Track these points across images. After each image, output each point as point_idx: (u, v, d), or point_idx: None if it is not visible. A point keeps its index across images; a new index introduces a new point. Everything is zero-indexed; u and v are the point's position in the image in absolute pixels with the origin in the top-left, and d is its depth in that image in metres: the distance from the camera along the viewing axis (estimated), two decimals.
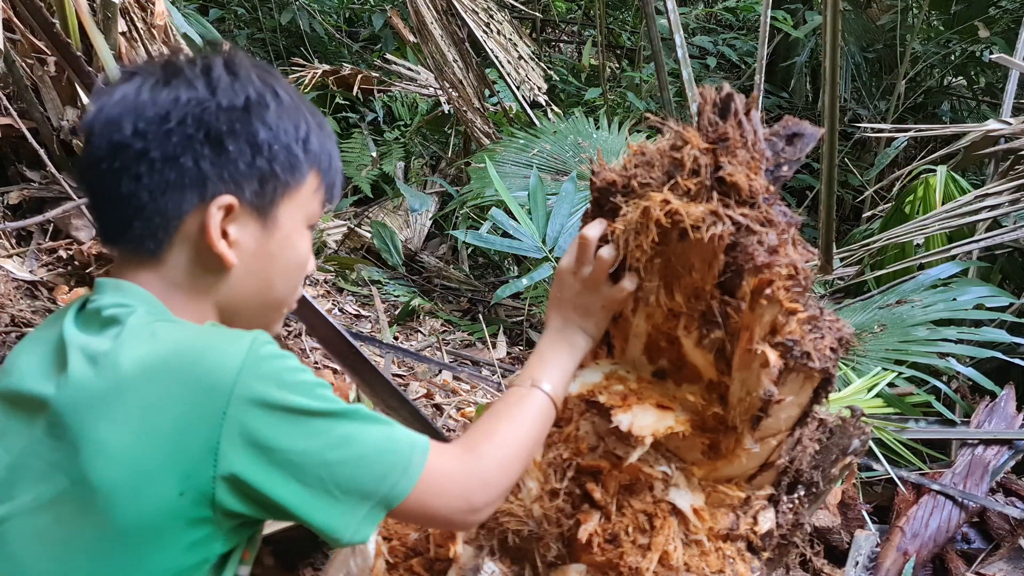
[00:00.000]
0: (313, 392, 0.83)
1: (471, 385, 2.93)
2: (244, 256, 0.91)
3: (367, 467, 0.84)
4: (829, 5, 2.93)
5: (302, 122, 0.93)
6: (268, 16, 6.01)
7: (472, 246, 4.01)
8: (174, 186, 0.86)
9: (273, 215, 0.91)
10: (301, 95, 0.97)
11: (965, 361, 2.74)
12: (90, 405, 0.79)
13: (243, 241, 0.90)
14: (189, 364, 0.79)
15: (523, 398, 1.08)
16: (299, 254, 0.97)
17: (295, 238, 0.95)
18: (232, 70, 0.90)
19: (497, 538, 1.25)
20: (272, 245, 0.92)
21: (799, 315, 1.08)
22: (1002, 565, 2.10)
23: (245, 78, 0.90)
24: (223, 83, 0.88)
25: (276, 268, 0.94)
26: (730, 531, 1.22)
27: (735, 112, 1.07)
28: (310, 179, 0.95)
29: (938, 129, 4.12)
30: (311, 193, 0.95)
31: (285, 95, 0.93)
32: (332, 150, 0.98)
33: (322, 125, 0.97)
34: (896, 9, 5.56)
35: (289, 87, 0.95)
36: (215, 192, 0.87)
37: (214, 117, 0.87)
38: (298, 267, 0.97)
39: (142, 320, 0.84)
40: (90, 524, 0.78)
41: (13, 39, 2.74)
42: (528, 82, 4.37)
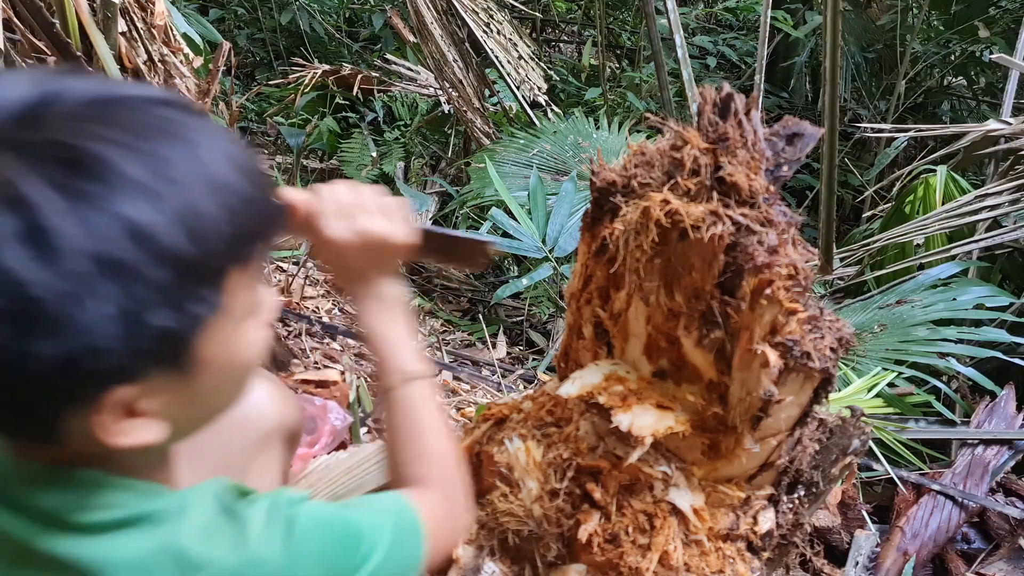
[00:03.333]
0: (344, 569, 0.77)
1: (471, 385, 2.93)
2: (170, 413, 0.68)
3: (398, 570, 0.84)
4: (829, 5, 2.93)
5: (183, 212, 0.60)
6: (268, 16, 6.01)
7: None
8: None
9: (192, 359, 0.66)
10: (150, 133, 0.61)
11: (965, 361, 2.74)
12: None
13: (162, 405, 0.66)
14: None
15: (409, 400, 1.00)
16: (244, 363, 0.73)
17: (234, 352, 0.70)
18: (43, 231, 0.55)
19: (497, 538, 1.25)
20: (203, 383, 0.68)
21: (799, 315, 1.08)
22: (1002, 565, 2.10)
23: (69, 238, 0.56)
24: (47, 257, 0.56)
25: (215, 398, 0.74)
26: (730, 531, 1.22)
27: (735, 112, 1.07)
28: (228, 283, 0.65)
29: (938, 129, 4.12)
30: (236, 294, 0.67)
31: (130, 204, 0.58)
32: (233, 198, 0.63)
33: (199, 164, 0.62)
34: (896, 9, 5.55)
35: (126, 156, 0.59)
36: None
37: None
38: (246, 373, 0.75)
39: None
40: None
41: (13, 39, 2.73)
42: (528, 82, 4.37)
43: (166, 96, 0.65)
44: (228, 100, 3.65)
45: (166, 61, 2.95)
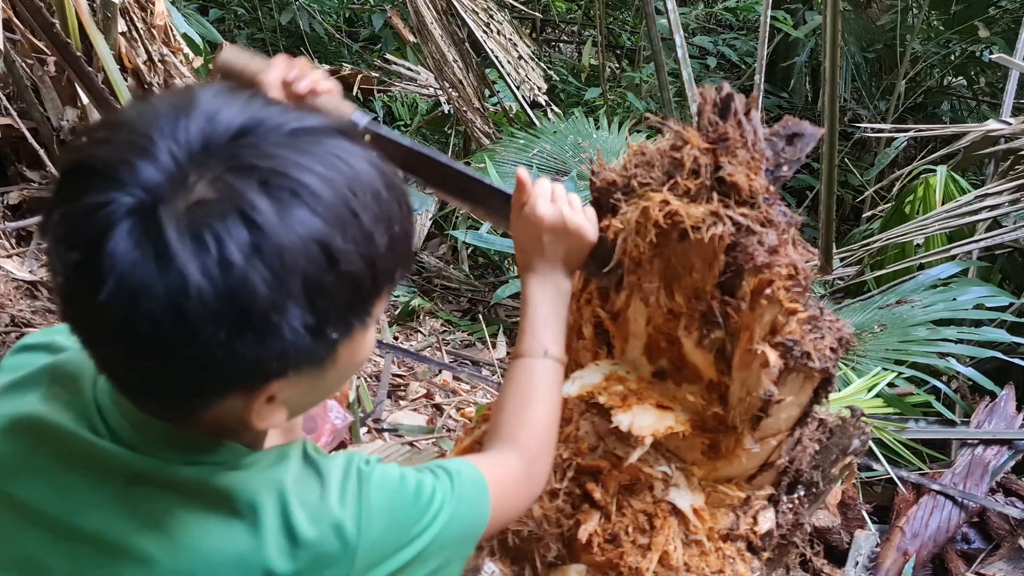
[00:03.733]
0: (419, 524, 0.80)
1: (471, 385, 2.93)
2: (295, 400, 0.74)
3: (457, 546, 0.86)
4: (829, 5, 2.93)
5: (363, 242, 0.65)
6: (268, 16, 6.01)
7: (472, 246, 4.01)
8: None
9: (330, 360, 0.71)
10: (340, 164, 0.66)
11: (965, 361, 2.74)
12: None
13: (291, 395, 0.72)
14: (315, 554, 0.72)
15: (539, 372, 1.06)
16: (360, 362, 0.79)
17: (358, 355, 0.76)
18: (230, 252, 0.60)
19: (497, 538, 1.25)
20: (329, 378, 0.75)
21: (799, 315, 1.08)
22: (1002, 565, 2.10)
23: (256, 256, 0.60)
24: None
25: (330, 388, 0.80)
26: (730, 531, 1.22)
27: (735, 112, 1.07)
28: (380, 302, 0.73)
29: (938, 129, 4.12)
30: (379, 307, 0.74)
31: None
32: (397, 230, 0.69)
33: (373, 197, 0.67)
34: (896, 9, 5.56)
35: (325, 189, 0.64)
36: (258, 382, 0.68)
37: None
38: (356, 369, 0.81)
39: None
40: None
41: (13, 39, 2.73)
42: (528, 82, 4.37)
43: (338, 126, 0.69)
44: None
45: (166, 61, 2.95)
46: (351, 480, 0.77)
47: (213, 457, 0.72)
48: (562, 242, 1.08)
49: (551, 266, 1.10)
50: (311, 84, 1.06)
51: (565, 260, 1.10)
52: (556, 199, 1.09)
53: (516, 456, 0.99)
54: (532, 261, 1.10)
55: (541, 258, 1.10)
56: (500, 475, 0.95)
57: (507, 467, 0.97)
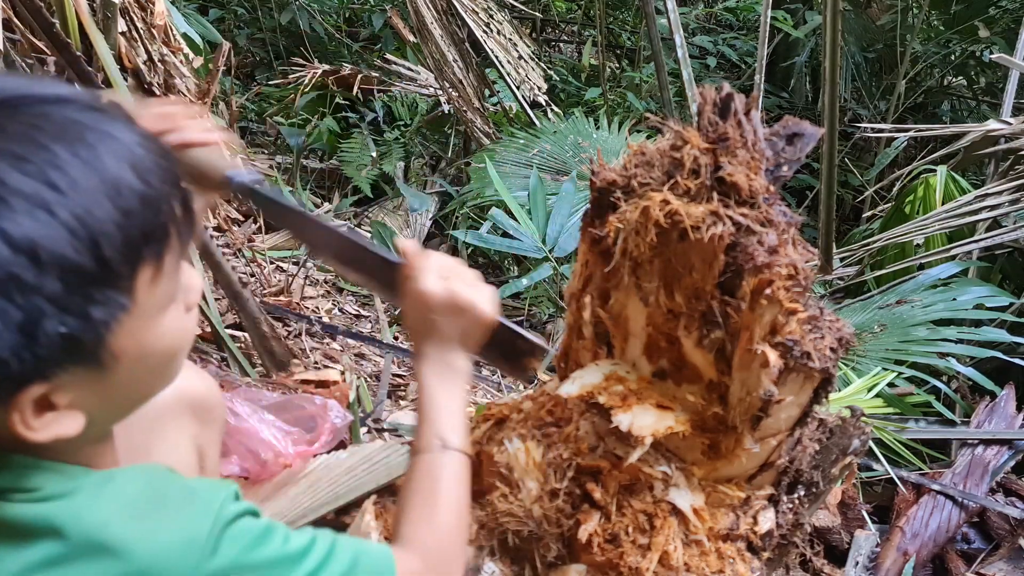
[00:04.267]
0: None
1: (471, 385, 2.93)
2: (90, 405, 0.67)
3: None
4: (829, 5, 2.93)
5: (75, 222, 0.58)
6: (268, 16, 6.01)
7: (472, 246, 4.01)
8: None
9: (106, 355, 0.65)
10: (42, 138, 0.60)
11: (965, 361, 2.74)
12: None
13: (80, 398, 0.66)
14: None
15: (442, 468, 0.98)
16: (165, 352, 0.72)
17: (151, 342, 0.69)
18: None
19: (497, 538, 1.25)
20: (122, 374, 0.67)
21: (799, 315, 1.08)
22: (1002, 565, 2.10)
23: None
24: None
25: (139, 385, 0.73)
26: (730, 531, 1.22)
27: (735, 112, 1.07)
28: (139, 281, 0.64)
29: (938, 129, 4.12)
30: (148, 289, 0.66)
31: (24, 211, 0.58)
32: (131, 200, 0.61)
33: (93, 169, 0.60)
34: (896, 9, 5.56)
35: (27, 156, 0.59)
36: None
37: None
38: (171, 359, 0.74)
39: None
40: None
41: (13, 39, 2.73)
42: (528, 82, 4.37)
43: (65, 93, 0.63)
44: (228, 100, 3.65)
45: (166, 61, 2.95)
46: (203, 528, 0.69)
47: (24, 483, 0.67)
48: (454, 322, 1.00)
49: (442, 347, 1.01)
50: (184, 137, 0.96)
51: (460, 340, 1.02)
52: (447, 274, 1.00)
53: (418, 559, 0.92)
54: (422, 343, 1.02)
55: (431, 339, 1.01)
56: (405, 570, 0.88)
57: (408, 569, 0.89)
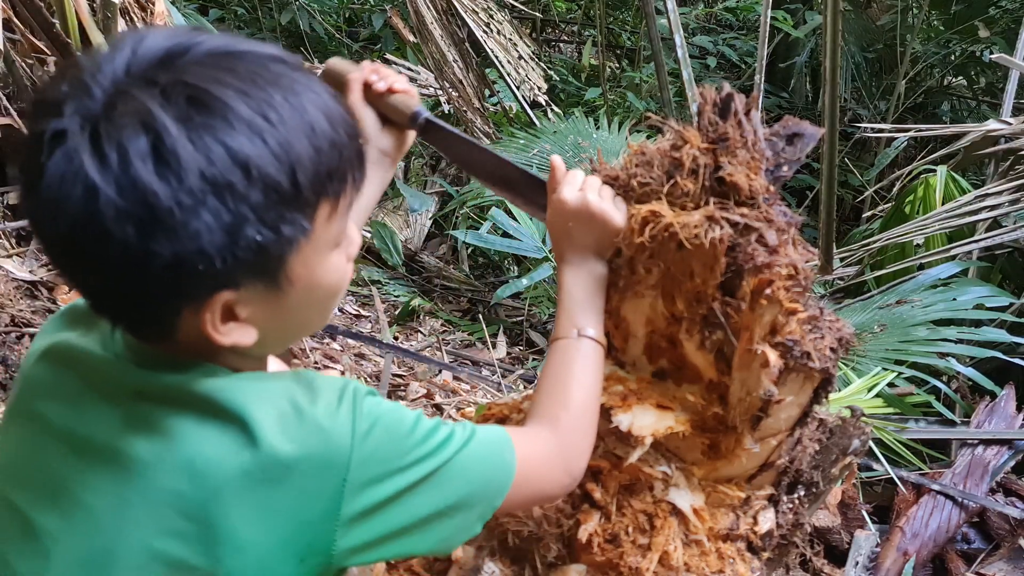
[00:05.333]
0: (417, 451, 0.82)
1: (471, 385, 2.93)
2: (262, 321, 0.78)
3: (471, 486, 0.87)
4: (829, 5, 2.93)
5: (280, 149, 0.70)
6: (268, 16, 6.01)
7: (472, 246, 4.01)
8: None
9: (284, 276, 0.75)
10: (261, 82, 0.71)
11: (965, 361, 2.74)
12: (224, 485, 0.74)
13: (256, 313, 0.76)
14: (309, 449, 0.76)
15: (576, 352, 1.07)
16: (328, 287, 0.82)
17: (320, 275, 0.79)
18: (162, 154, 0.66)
19: (497, 538, 1.25)
20: (292, 299, 0.78)
21: (799, 315, 1.08)
22: (1002, 565, 2.10)
23: (184, 153, 0.66)
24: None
25: (303, 314, 0.83)
26: (730, 531, 1.22)
27: (735, 112, 1.07)
28: (319, 213, 0.75)
29: (938, 129, 4.12)
30: (325, 223, 0.77)
31: (241, 130, 0.68)
32: (322, 141, 0.73)
33: (297, 111, 0.72)
34: (896, 9, 5.56)
35: (243, 91, 0.70)
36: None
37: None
38: (330, 297, 0.84)
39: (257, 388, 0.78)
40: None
41: (13, 39, 2.74)
42: (528, 82, 4.37)
43: (280, 54, 0.76)
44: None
45: None
46: (346, 396, 0.80)
47: (198, 371, 0.77)
48: (588, 228, 1.10)
49: (581, 253, 1.12)
50: (388, 84, 1.15)
51: (595, 247, 1.12)
52: (584, 187, 1.11)
53: (548, 430, 1.00)
54: (563, 249, 1.13)
55: (570, 245, 1.12)
56: (530, 444, 0.96)
57: (538, 438, 0.99)
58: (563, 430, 1.00)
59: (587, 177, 1.13)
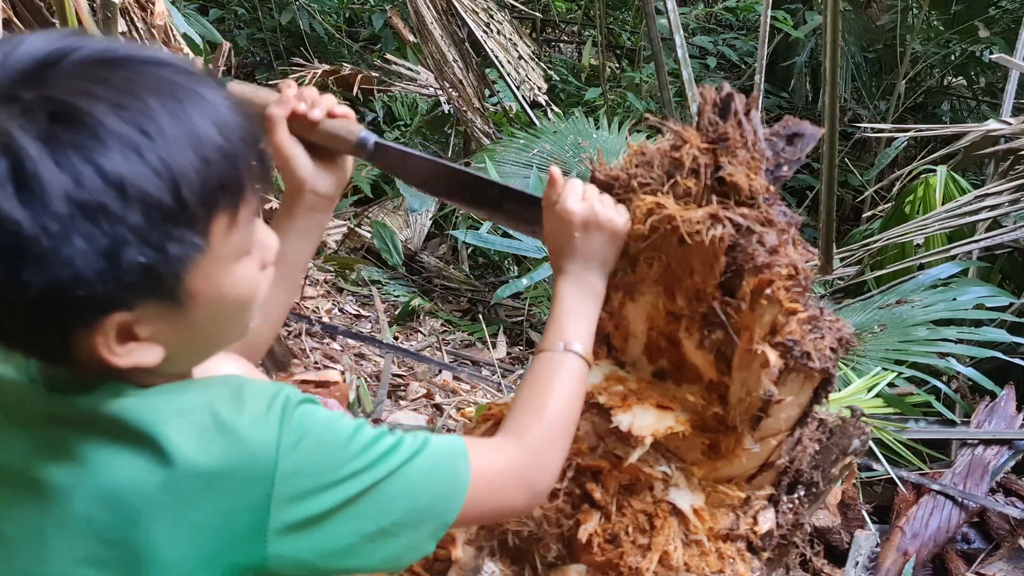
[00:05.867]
0: (353, 463, 0.78)
1: (471, 385, 2.93)
2: (169, 339, 0.74)
3: (416, 501, 0.83)
4: (829, 5, 2.93)
5: (159, 164, 0.65)
6: (268, 16, 6.01)
7: (472, 246, 4.01)
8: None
9: (183, 292, 0.71)
10: (140, 91, 0.66)
11: (965, 361, 2.74)
12: (142, 507, 0.71)
13: (159, 332, 0.73)
14: (230, 461, 0.73)
15: (559, 365, 1.03)
16: (237, 299, 0.77)
17: (226, 288, 0.75)
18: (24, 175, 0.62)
19: (497, 539, 1.25)
20: (198, 315, 0.74)
21: (799, 315, 1.08)
22: (1002, 565, 2.10)
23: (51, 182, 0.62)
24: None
25: (213, 328, 0.78)
26: (730, 531, 1.22)
27: (735, 112, 1.08)
28: (214, 227, 0.70)
29: (938, 129, 4.12)
30: (223, 236, 0.72)
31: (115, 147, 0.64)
32: (211, 152, 0.68)
33: (180, 121, 0.67)
34: (896, 9, 5.55)
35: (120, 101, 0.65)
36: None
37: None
38: (240, 309, 0.79)
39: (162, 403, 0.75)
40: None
41: None
42: (528, 82, 4.37)
43: (166, 58, 0.71)
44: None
45: None
46: (275, 406, 0.76)
47: (106, 391, 0.74)
48: (594, 238, 1.08)
49: (583, 265, 1.09)
50: (325, 110, 1.07)
51: (599, 257, 1.09)
52: (587, 196, 1.09)
53: (514, 443, 0.95)
54: (563, 260, 1.10)
55: (572, 257, 1.09)
56: (490, 456, 0.92)
57: (500, 451, 0.94)
58: (532, 444, 0.96)
59: (585, 186, 1.11)
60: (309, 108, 1.05)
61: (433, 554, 1.28)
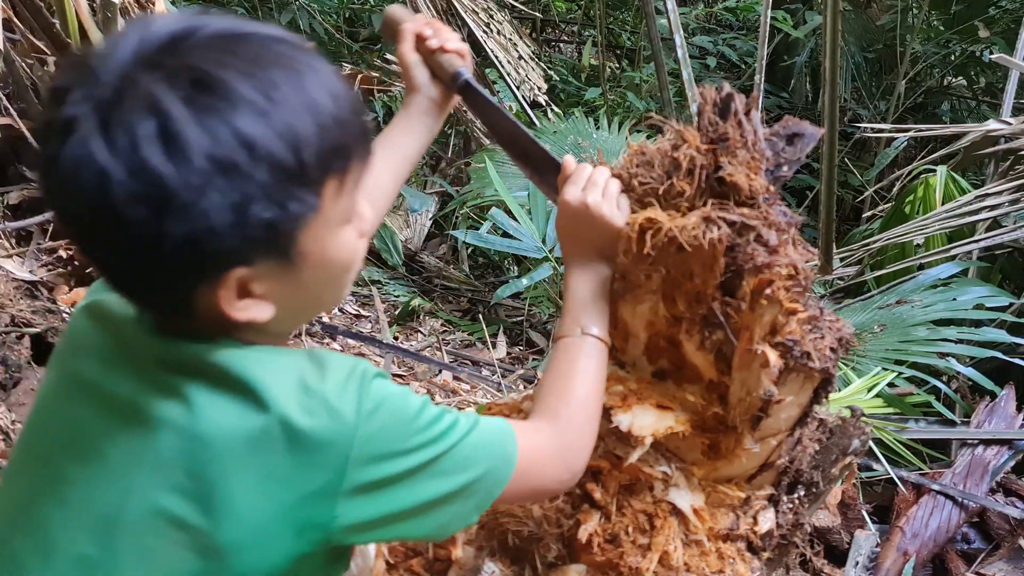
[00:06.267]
0: (421, 436, 0.83)
1: (471, 385, 2.93)
2: (278, 297, 0.80)
3: (472, 474, 0.87)
4: (829, 5, 2.93)
5: (284, 128, 0.71)
6: (268, 16, 6.01)
7: (472, 246, 4.01)
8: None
9: (295, 252, 0.77)
10: (264, 62, 0.73)
11: (965, 361, 2.74)
12: (229, 450, 0.76)
13: (271, 289, 0.79)
14: (317, 422, 0.77)
15: (580, 349, 1.08)
16: (340, 263, 0.84)
17: (331, 251, 0.81)
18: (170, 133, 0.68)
19: (497, 539, 1.25)
20: (306, 275, 0.80)
21: (799, 315, 1.08)
22: (1002, 565, 2.10)
23: (193, 136, 0.68)
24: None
25: (317, 290, 0.84)
26: (730, 531, 1.22)
27: (735, 112, 1.07)
28: (326, 189, 0.77)
29: (938, 129, 4.12)
30: (332, 199, 0.78)
31: (246, 110, 0.70)
32: (326, 119, 0.74)
33: (300, 90, 0.73)
34: (896, 9, 5.55)
35: (249, 73, 0.71)
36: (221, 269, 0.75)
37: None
38: (343, 273, 0.86)
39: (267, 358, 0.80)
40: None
41: (13, 39, 2.74)
42: (528, 82, 4.37)
43: (284, 35, 0.78)
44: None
45: None
46: (354, 375, 0.81)
47: (215, 343, 0.79)
48: (590, 229, 1.10)
49: (585, 253, 1.13)
50: (440, 42, 1.18)
51: (598, 248, 1.12)
52: (588, 186, 1.11)
53: (549, 425, 1.00)
54: (568, 249, 1.15)
55: (574, 246, 1.13)
56: (531, 437, 0.96)
57: (539, 432, 0.99)
58: (564, 426, 1.01)
59: (594, 172, 1.13)
60: (430, 36, 1.18)
61: (433, 554, 1.29)
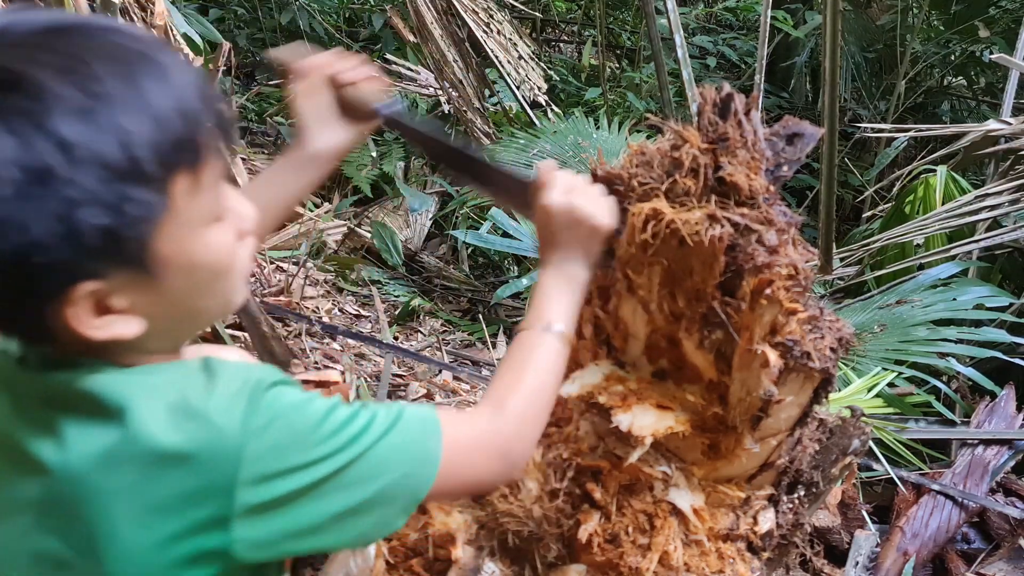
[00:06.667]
0: (324, 446, 0.77)
1: (471, 385, 2.93)
2: (147, 311, 0.74)
3: (389, 478, 0.82)
4: (829, 5, 2.93)
5: (109, 125, 0.66)
6: (268, 16, 6.01)
7: (472, 246, 4.01)
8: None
9: (151, 259, 0.71)
10: (88, 57, 0.68)
11: (965, 361, 2.74)
12: (103, 481, 0.71)
13: (136, 303, 0.73)
14: (197, 444, 0.72)
15: (539, 343, 1.03)
16: (212, 267, 0.77)
17: (197, 254, 0.75)
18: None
19: (497, 539, 1.25)
20: (173, 284, 0.74)
21: (799, 315, 1.08)
22: (1002, 565, 2.10)
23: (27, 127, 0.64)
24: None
25: (192, 299, 0.78)
26: (730, 531, 1.22)
27: (735, 112, 1.07)
28: (175, 187, 0.70)
29: (938, 129, 4.11)
30: (187, 197, 0.71)
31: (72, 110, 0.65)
32: (166, 112, 0.69)
33: (129, 84, 0.68)
34: (896, 9, 5.55)
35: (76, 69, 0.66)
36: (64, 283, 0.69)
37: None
38: (219, 276, 0.79)
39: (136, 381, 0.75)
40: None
41: None
42: (528, 82, 4.37)
43: (117, 26, 0.72)
44: (228, 100, 3.65)
45: None
46: (244, 389, 0.75)
47: (84, 368, 0.74)
48: (576, 233, 1.08)
49: (563, 256, 1.09)
50: (354, 76, 1.14)
51: (582, 251, 1.09)
52: (570, 190, 1.09)
53: (490, 414, 0.95)
54: (545, 251, 1.11)
55: (555, 250, 1.10)
56: (463, 428, 0.91)
57: (475, 423, 0.94)
58: (508, 415, 0.95)
59: (572, 178, 1.11)
60: (343, 71, 1.12)
61: (433, 554, 1.29)
